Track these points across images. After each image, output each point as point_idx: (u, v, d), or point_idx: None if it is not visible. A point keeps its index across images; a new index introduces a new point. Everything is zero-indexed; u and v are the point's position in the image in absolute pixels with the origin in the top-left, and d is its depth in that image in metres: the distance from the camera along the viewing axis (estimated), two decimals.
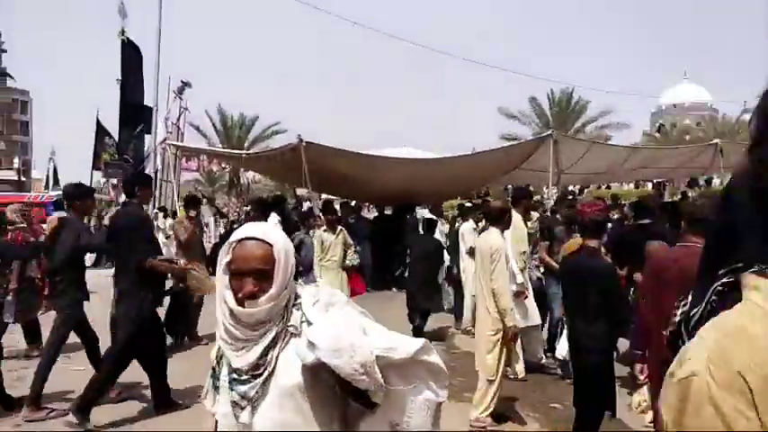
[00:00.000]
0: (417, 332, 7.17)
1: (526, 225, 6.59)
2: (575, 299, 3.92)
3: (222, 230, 18.66)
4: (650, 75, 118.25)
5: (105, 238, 5.66)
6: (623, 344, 5.09)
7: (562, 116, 32.36)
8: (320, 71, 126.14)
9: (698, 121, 63.76)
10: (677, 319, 1.55)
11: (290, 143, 11.00)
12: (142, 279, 5.03)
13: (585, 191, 23.18)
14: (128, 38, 19.38)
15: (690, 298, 1.45)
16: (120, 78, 20.23)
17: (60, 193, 22.00)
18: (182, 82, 20.80)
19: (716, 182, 17.88)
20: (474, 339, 6.36)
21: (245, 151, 14.59)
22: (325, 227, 7.65)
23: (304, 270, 8.06)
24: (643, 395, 3.75)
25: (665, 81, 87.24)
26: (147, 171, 20.74)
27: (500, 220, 5.17)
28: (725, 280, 1.09)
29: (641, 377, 3.61)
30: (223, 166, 23.08)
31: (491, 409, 4.95)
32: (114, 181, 20.78)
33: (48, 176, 43.55)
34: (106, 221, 11.06)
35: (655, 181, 21.01)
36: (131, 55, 19.65)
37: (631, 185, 26.06)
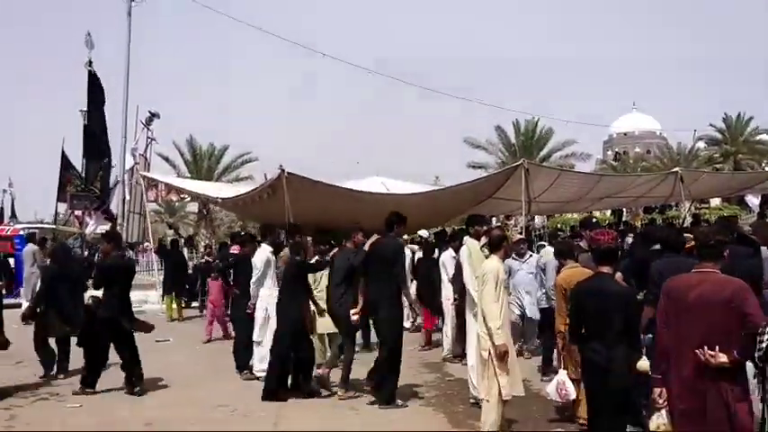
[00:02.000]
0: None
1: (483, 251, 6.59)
2: (594, 322, 4.07)
3: (197, 261, 18.41)
4: (601, 105, 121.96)
5: None
6: None
7: (528, 145, 33.24)
8: (287, 102, 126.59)
9: (647, 149, 65.94)
10: (764, 345, 1.71)
11: (271, 178, 11.05)
12: None
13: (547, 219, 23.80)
14: (94, 70, 19.26)
15: None
16: (83, 110, 20.06)
17: (26, 225, 21.42)
18: (149, 112, 20.72)
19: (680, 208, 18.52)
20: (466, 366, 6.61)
21: (220, 197, 14.48)
22: (317, 257, 7.70)
23: None
24: (663, 418, 3.90)
25: (615, 112, 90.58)
26: (113, 202, 20.52)
27: (499, 247, 5.55)
28: None
29: (660, 401, 3.76)
30: (182, 196, 22.85)
31: (495, 427, 5.15)
32: (79, 212, 20.41)
33: (2, 208, 42.13)
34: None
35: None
36: (98, 86, 19.52)
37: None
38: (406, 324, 9.43)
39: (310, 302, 7.24)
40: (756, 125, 41.88)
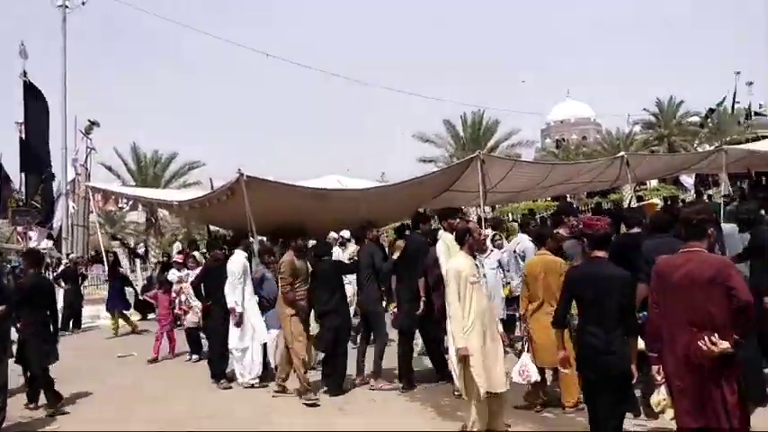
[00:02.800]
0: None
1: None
2: (592, 306, 4.14)
3: (149, 273, 17.87)
4: (538, 94, 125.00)
5: None
6: None
7: (476, 137, 33.67)
8: (233, 104, 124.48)
9: (584, 135, 67.88)
10: None
11: (229, 181, 10.80)
12: None
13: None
14: (29, 80, 18.46)
15: None
16: (20, 121, 19.20)
17: None
18: (89, 121, 19.99)
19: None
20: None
21: (176, 200, 14.00)
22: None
23: (269, 305, 7.95)
24: (663, 394, 4.02)
25: (550, 100, 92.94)
26: (57, 216, 19.68)
27: (463, 241, 5.53)
28: None
29: (658, 378, 3.88)
30: (120, 206, 22.14)
31: (477, 426, 5.15)
32: (20, 228, 19.50)
33: None
34: None
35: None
36: (34, 97, 18.71)
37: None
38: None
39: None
40: (687, 109, 43.79)
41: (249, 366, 7.64)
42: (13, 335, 7.25)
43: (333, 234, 11.70)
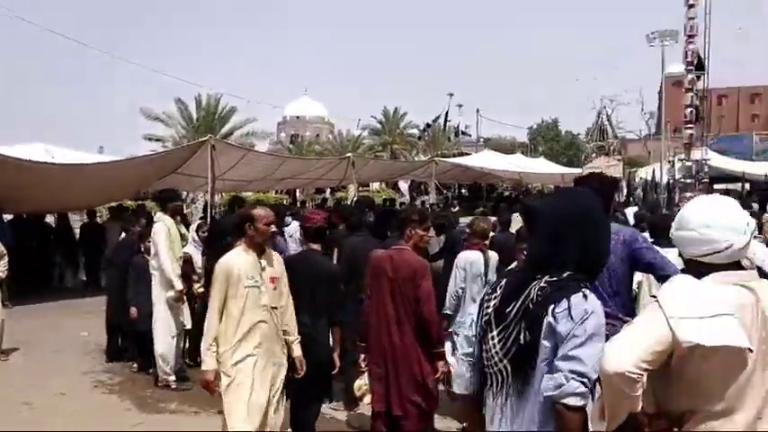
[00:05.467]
0: None
1: (179, 227, 6.48)
2: (301, 295, 4.16)
3: None
4: (275, 87, 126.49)
5: None
6: None
7: (209, 121, 32.49)
8: None
9: (317, 133, 70.70)
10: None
11: None
12: None
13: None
14: None
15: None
16: None
17: None
18: None
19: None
20: None
21: None
22: None
23: None
24: (364, 380, 4.30)
25: (288, 95, 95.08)
26: None
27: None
28: None
29: (363, 365, 4.15)
30: None
31: None
32: None
33: None
34: None
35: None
36: None
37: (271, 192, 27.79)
38: None
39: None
40: (410, 119, 48.42)
41: None
42: None
43: None
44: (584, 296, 1.89)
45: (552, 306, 1.89)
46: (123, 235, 8.32)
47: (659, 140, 28.24)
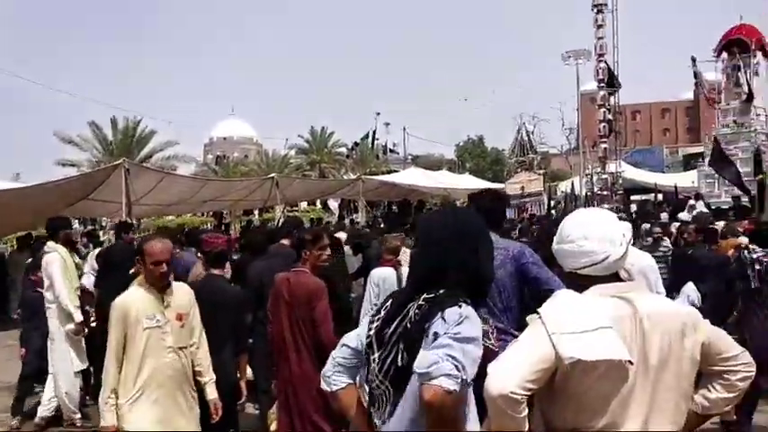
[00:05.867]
0: None
1: (73, 256, 6.12)
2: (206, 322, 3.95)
3: None
4: (201, 108, 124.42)
5: None
6: None
7: (127, 144, 31.34)
8: None
9: (246, 154, 69.82)
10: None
11: None
12: None
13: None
14: None
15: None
16: None
17: None
18: None
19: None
20: None
21: None
22: None
23: None
24: (274, 407, 4.15)
25: (214, 115, 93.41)
26: None
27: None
28: None
29: (275, 391, 4.01)
30: None
31: None
32: None
33: None
34: None
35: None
36: None
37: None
38: None
39: None
40: (338, 138, 48.53)
41: None
42: None
43: None
44: (459, 306, 1.84)
45: (427, 324, 1.84)
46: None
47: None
